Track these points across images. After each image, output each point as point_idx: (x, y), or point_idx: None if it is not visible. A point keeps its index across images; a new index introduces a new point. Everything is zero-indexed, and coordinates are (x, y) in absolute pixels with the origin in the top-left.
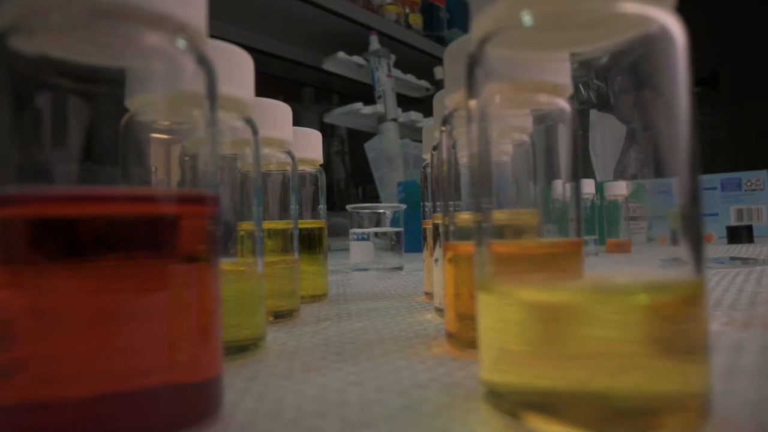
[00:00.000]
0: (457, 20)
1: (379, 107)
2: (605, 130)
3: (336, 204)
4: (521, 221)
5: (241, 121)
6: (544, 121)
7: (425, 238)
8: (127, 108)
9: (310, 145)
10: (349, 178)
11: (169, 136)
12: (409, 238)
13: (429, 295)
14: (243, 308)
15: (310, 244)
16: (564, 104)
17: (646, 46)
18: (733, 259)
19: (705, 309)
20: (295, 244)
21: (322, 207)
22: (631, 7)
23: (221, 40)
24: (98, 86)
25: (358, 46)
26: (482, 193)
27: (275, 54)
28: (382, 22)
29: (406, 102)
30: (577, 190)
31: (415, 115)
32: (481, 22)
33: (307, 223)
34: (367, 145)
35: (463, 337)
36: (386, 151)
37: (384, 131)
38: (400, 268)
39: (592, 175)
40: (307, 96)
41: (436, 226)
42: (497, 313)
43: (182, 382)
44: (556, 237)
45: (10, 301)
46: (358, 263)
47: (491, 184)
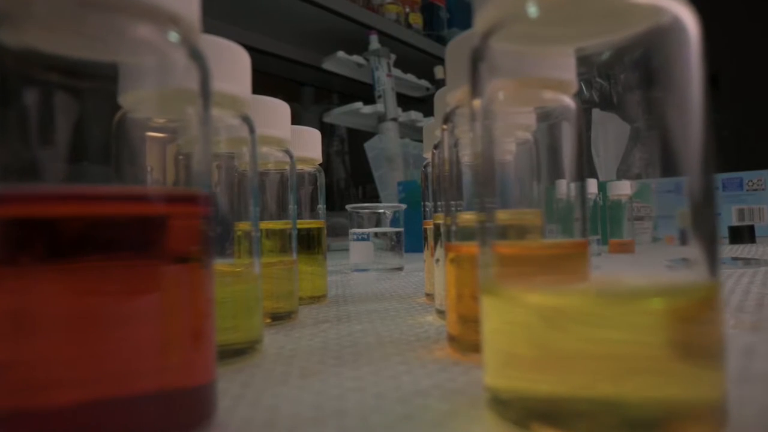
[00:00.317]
0: (457, 20)
1: (379, 107)
2: (608, 130)
3: (336, 204)
4: (525, 221)
5: (238, 119)
6: (549, 119)
7: (426, 238)
8: (120, 105)
9: (309, 144)
10: (349, 178)
11: (164, 135)
12: (409, 239)
13: (430, 296)
14: (239, 310)
15: (309, 244)
16: (569, 101)
17: (658, 39)
18: (735, 259)
19: (720, 313)
20: (294, 245)
21: (321, 207)
22: None
23: None
24: (88, 81)
25: (358, 46)
26: (486, 192)
27: (275, 53)
28: (382, 22)
29: (406, 101)
30: (582, 190)
31: (415, 115)
32: (484, 15)
33: (306, 223)
34: (367, 145)
35: (465, 340)
36: (386, 151)
37: (384, 131)
38: (401, 269)
39: (595, 175)
40: (307, 96)
41: (437, 227)
42: (503, 315)
43: (173, 388)
44: (559, 237)
45: None
46: (358, 264)
47: (495, 183)
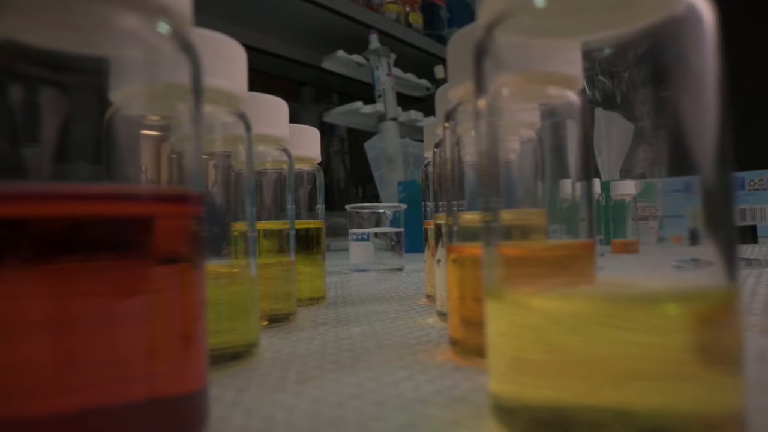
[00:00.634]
0: (458, 19)
1: (379, 106)
2: (611, 129)
3: (336, 204)
4: (529, 221)
5: (234, 117)
6: (554, 116)
7: (426, 238)
8: (111, 102)
9: (308, 143)
10: (349, 178)
11: (158, 133)
12: (410, 239)
13: (430, 297)
14: (234, 312)
15: (308, 244)
16: (575, 98)
17: (671, 30)
18: None
19: (740, 318)
20: (292, 245)
21: (320, 207)
22: None
23: None
24: (74, 76)
25: (358, 45)
26: (491, 192)
27: (274, 53)
28: (382, 21)
29: (406, 101)
30: (588, 189)
31: (415, 115)
32: (489, 6)
33: (305, 224)
34: (367, 145)
35: (468, 343)
36: (386, 151)
37: (384, 130)
38: (401, 269)
39: (597, 175)
40: (307, 95)
41: (439, 227)
42: (510, 318)
43: (162, 396)
44: (563, 237)
45: None
46: (358, 264)
47: (500, 183)
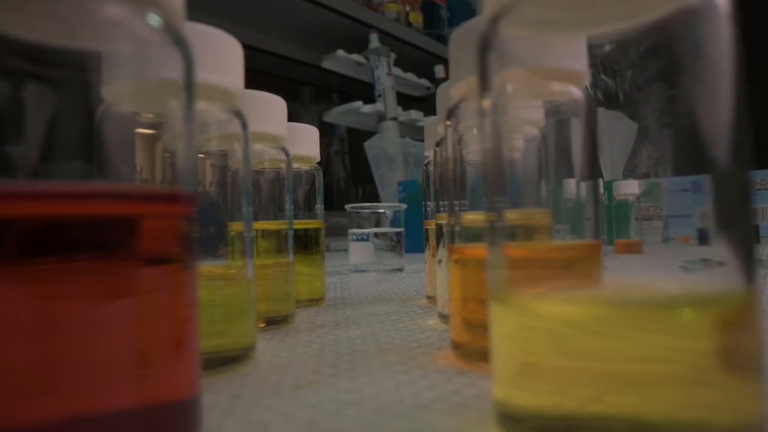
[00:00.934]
0: (458, 18)
1: (379, 106)
2: (613, 128)
3: (336, 204)
4: (533, 221)
5: (229, 114)
6: (559, 114)
7: (427, 238)
8: (102, 98)
9: (306, 142)
10: (349, 178)
11: (149, 131)
12: (409, 239)
13: (431, 299)
14: (230, 315)
15: (307, 245)
16: (580, 95)
17: (686, 22)
18: None
19: (760, 321)
20: (290, 246)
21: (319, 206)
22: None
23: None
24: (60, 71)
25: (358, 44)
26: (496, 191)
27: (274, 52)
28: (382, 20)
29: (406, 101)
30: (594, 189)
31: (415, 114)
32: None
33: (304, 224)
34: (367, 144)
35: (471, 347)
36: (386, 150)
37: (384, 130)
38: (401, 270)
39: (599, 174)
40: (307, 95)
41: (440, 227)
42: (518, 320)
43: (151, 403)
44: (568, 238)
45: None
46: (358, 264)
47: (505, 182)
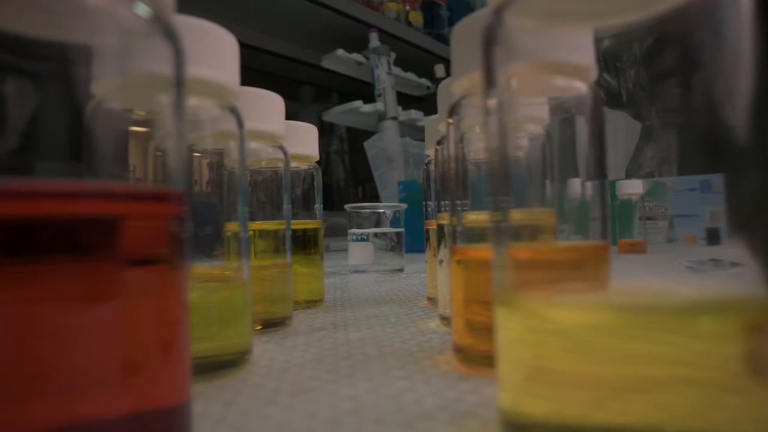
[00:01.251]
0: (458, 18)
1: (379, 105)
2: (615, 128)
3: (335, 204)
4: (537, 222)
5: (224, 111)
6: (565, 111)
7: (428, 238)
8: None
9: (305, 140)
10: (348, 178)
11: (140, 128)
12: (409, 239)
13: (432, 300)
14: (224, 317)
15: (305, 245)
16: (588, 91)
17: (703, 10)
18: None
19: None
20: (288, 246)
21: (317, 206)
22: None
23: None
24: (43, 64)
25: (358, 44)
26: (502, 191)
27: (273, 51)
28: (382, 20)
29: (406, 100)
30: (602, 188)
31: (415, 114)
32: None
33: (302, 224)
34: (367, 144)
35: (474, 351)
36: (386, 150)
37: (384, 130)
38: (401, 270)
39: (607, 173)
40: (306, 94)
41: (441, 227)
42: (527, 323)
43: (137, 411)
44: (574, 238)
45: None
46: (357, 265)
47: (511, 181)
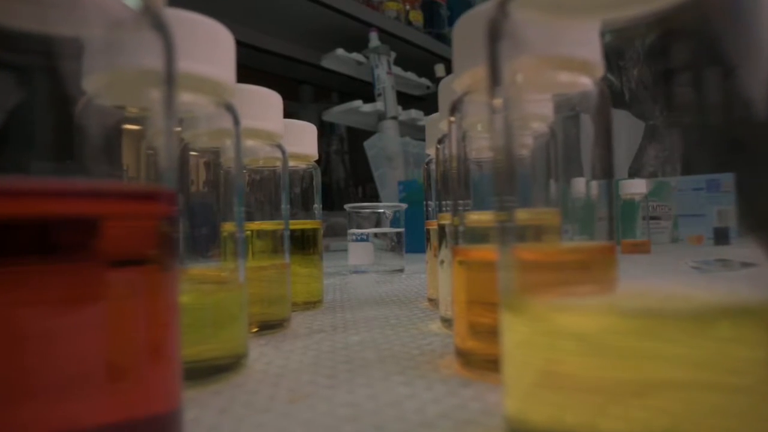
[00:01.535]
0: (458, 17)
1: (378, 105)
2: (618, 127)
3: (335, 204)
4: (542, 222)
5: (220, 108)
6: (571, 108)
7: (428, 239)
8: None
9: (304, 139)
10: (348, 177)
11: (134, 126)
12: (409, 239)
13: (433, 301)
14: (219, 319)
15: (304, 245)
16: (594, 86)
17: (715, 4)
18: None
19: None
20: (286, 247)
21: (316, 206)
22: None
23: None
24: (24, 57)
25: (358, 43)
26: (508, 191)
27: (273, 51)
28: (382, 19)
29: (406, 100)
30: (609, 188)
31: (415, 113)
32: None
33: (301, 224)
34: (367, 144)
35: (477, 355)
36: (386, 150)
37: (384, 129)
38: (401, 271)
39: (614, 173)
40: (306, 94)
41: (443, 227)
42: (538, 325)
43: (123, 419)
44: (580, 239)
45: None
46: (357, 265)
47: (516, 180)
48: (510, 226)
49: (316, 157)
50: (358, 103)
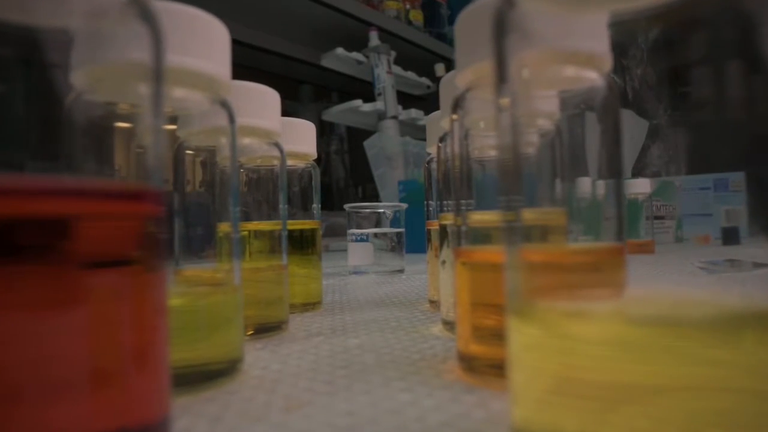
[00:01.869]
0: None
1: (378, 104)
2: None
3: (335, 204)
4: (549, 222)
5: (215, 105)
6: (578, 104)
7: (429, 239)
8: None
9: (302, 138)
10: (348, 177)
11: (124, 124)
12: (409, 239)
13: (434, 303)
14: (212, 323)
15: (303, 246)
16: (602, 81)
17: None
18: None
19: None
20: (284, 247)
21: (315, 206)
22: None
23: None
24: (11, 49)
25: (358, 43)
26: (515, 190)
27: (272, 50)
28: (382, 18)
29: (406, 99)
30: (618, 187)
31: (415, 113)
32: None
33: (300, 224)
34: (367, 143)
35: (480, 360)
36: (386, 149)
37: (384, 129)
38: (401, 271)
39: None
40: (306, 93)
41: (444, 227)
42: (547, 330)
43: (107, 428)
44: (580, 239)
45: None
46: (357, 266)
47: (522, 179)
48: (518, 227)
49: (315, 156)
50: (358, 103)
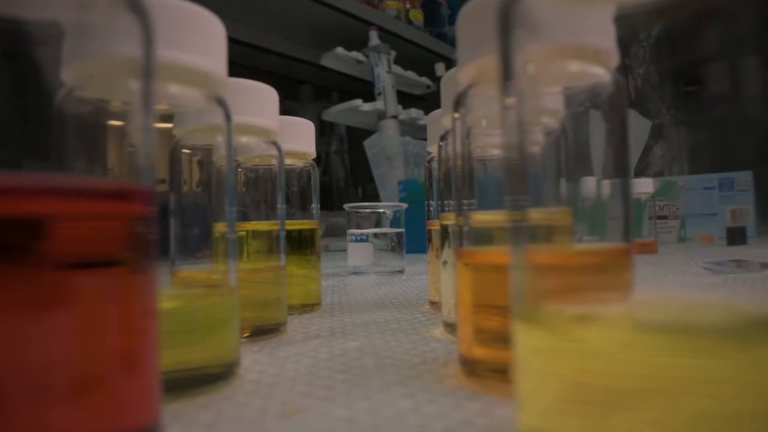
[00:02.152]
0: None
1: (378, 104)
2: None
3: (335, 204)
4: (554, 222)
5: (211, 103)
6: (583, 101)
7: (430, 239)
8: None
9: (301, 137)
10: (348, 177)
11: (114, 121)
12: (409, 239)
13: (435, 304)
14: (208, 325)
15: (301, 246)
16: (609, 77)
17: None
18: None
19: None
20: (282, 247)
21: (314, 206)
22: None
23: None
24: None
25: (358, 42)
26: (521, 189)
27: (272, 50)
28: (382, 18)
29: (406, 99)
30: (625, 187)
31: (415, 113)
32: None
33: (299, 224)
34: (367, 143)
35: (483, 364)
36: (386, 149)
37: (384, 129)
38: (402, 271)
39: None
40: (306, 93)
41: (445, 227)
42: (557, 335)
43: None
44: (585, 240)
45: None
46: (357, 266)
47: (529, 179)
48: (524, 227)
49: (314, 155)
50: (358, 102)
